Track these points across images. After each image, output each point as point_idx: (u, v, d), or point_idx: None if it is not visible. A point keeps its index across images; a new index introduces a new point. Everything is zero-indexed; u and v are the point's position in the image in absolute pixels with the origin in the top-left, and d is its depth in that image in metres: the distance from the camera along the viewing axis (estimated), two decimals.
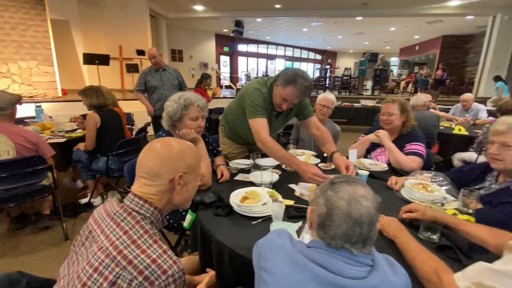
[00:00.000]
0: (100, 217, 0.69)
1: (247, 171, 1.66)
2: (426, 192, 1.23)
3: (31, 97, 5.16)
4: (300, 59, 18.65)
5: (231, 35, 12.57)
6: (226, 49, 14.77)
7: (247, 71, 15.11)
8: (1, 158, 1.82)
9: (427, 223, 0.95)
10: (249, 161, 1.77)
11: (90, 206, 2.61)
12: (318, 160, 1.78)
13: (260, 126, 1.54)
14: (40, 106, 3.20)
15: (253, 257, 0.70)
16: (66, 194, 2.81)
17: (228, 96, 8.71)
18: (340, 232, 0.56)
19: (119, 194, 2.63)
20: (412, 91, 10.30)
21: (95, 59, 5.60)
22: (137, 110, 4.36)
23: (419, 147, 1.71)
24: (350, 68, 10.90)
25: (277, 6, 8.60)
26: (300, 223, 1.03)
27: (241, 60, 15.88)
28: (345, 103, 6.66)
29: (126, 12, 7.91)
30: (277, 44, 16.74)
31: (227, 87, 12.00)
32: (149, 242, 0.63)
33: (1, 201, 1.86)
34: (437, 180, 1.32)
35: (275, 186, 1.39)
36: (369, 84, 11.34)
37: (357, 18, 9.45)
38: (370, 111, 6.30)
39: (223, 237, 0.98)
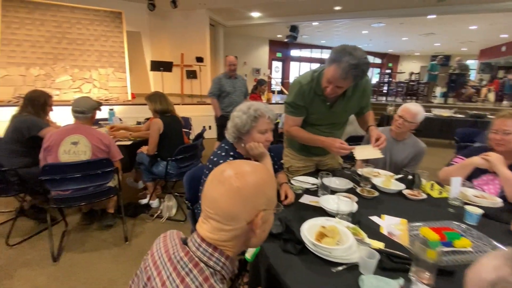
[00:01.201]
0: (161, 261, 0.56)
1: (313, 191, 1.45)
2: None
3: (107, 100, 5.77)
4: None
5: (285, 40, 12.48)
6: (279, 54, 14.73)
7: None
8: (78, 159, 1.95)
9: None
10: (314, 180, 1.56)
11: (148, 208, 2.70)
12: (403, 186, 1.46)
13: (286, 120, 1.61)
14: (112, 109, 3.49)
15: None
16: (127, 193, 2.96)
17: (280, 101, 8.56)
18: None
19: (175, 199, 2.66)
20: (497, 99, 8.69)
21: (160, 66, 6.03)
22: (195, 115, 4.49)
23: None
24: (418, 73, 9.73)
25: (337, 8, 8.17)
26: (401, 281, 0.77)
27: (294, 65, 15.64)
28: None
29: (189, 22, 8.43)
30: (332, 48, 16.05)
31: (279, 92, 11.91)
32: None
33: (74, 200, 1.99)
34: None
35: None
36: (437, 90, 9.99)
37: (429, 16, 8.42)
38: (445, 122, 5.45)
39: (296, 285, 0.79)
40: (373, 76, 18.69)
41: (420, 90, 8.93)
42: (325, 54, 16.22)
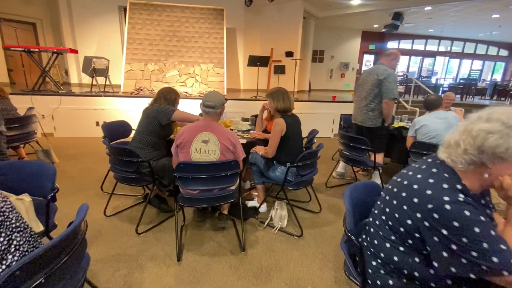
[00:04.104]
0: None
1: None
2: None
3: None
4: (473, 56, 14.34)
5: (383, 30, 11.06)
6: (372, 47, 13.22)
7: (397, 71, 13.00)
8: (208, 158, 1.84)
9: None
10: None
11: (256, 212, 2.52)
12: None
13: None
14: None
15: None
16: None
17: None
18: None
19: (289, 208, 2.40)
20: None
21: (258, 61, 5.96)
22: None
23: None
24: None
25: None
26: None
27: None
28: None
29: (282, 15, 8.21)
30: (440, 38, 13.49)
31: None
32: None
33: (199, 200, 1.90)
34: None
35: None
36: None
37: None
38: None
39: None
40: (494, 72, 15.09)
41: None
42: (430, 46, 13.77)
